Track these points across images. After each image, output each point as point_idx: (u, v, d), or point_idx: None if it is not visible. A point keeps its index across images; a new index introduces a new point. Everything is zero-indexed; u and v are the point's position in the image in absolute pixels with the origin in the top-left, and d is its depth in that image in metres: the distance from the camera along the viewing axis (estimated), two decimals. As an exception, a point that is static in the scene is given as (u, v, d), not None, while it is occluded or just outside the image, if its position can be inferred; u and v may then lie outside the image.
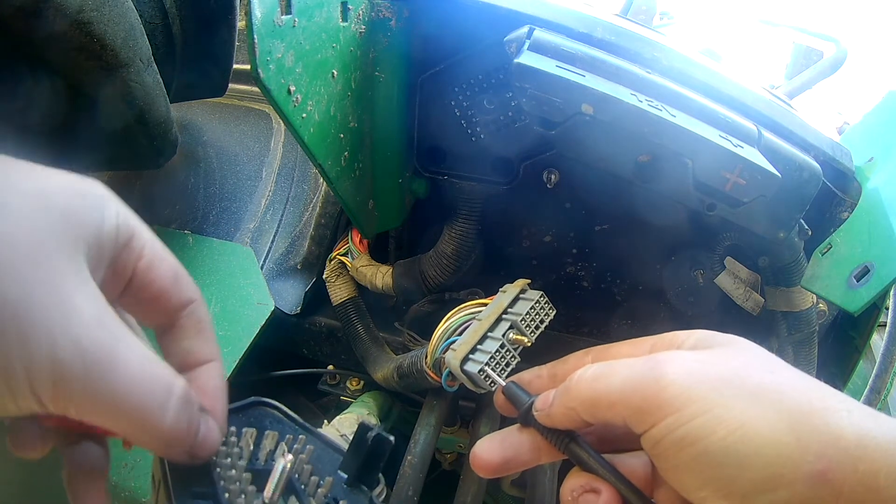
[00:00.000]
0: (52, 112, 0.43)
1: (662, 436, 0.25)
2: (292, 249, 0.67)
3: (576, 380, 0.29)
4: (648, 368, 0.27)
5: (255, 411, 0.32)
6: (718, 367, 0.26)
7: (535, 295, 0.42)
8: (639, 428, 0.27)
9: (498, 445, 0.33)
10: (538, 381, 0.36)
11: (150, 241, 0.26)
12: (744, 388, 0.25)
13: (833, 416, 0.24)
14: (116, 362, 0.22)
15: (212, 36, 0.56)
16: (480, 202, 0.55)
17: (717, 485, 0.24)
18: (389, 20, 0.48)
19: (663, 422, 0.25)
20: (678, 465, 0.25)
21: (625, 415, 0.27)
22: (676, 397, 0.25)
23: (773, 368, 0.27)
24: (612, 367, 0.28)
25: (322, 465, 0.30)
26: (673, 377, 0.26)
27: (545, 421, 0.31)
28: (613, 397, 0.27)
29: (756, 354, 0.28)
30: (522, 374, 0.37)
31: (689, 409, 0.25)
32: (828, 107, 1.55)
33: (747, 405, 0.24)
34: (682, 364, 0.26)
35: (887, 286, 0.41)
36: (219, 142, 0.79)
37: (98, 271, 0.24)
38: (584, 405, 0.29)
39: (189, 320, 0.28)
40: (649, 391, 0.26)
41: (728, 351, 0.28)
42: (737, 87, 0.46)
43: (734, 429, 0.24)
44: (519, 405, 0.34)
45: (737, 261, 0.55)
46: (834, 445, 0.23)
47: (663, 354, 0.28)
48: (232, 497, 0.25)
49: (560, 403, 0.30)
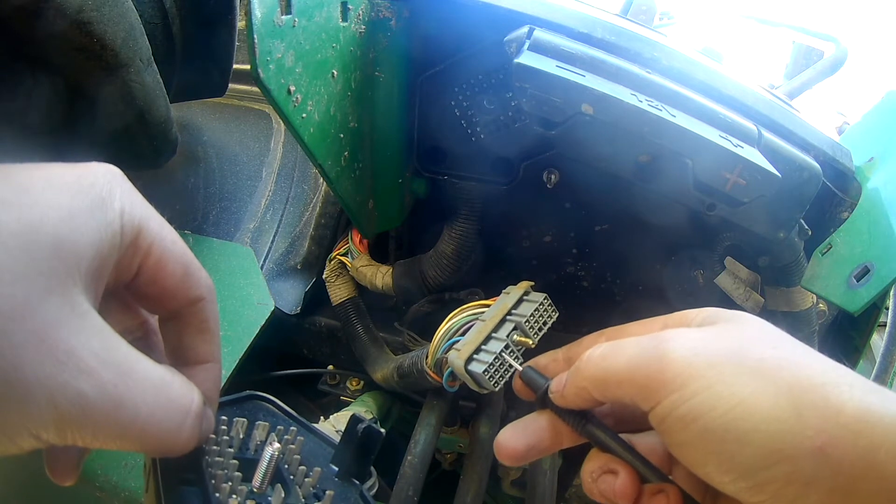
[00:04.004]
0: (52, 112, 0.43)
1: (667, 413, 0.26)
2: (292, 249, 0.67)
3: (585, 359, 0.30)
4: (652, 347, 0.27)
5: (249, 404, 0.33)
6: (720, 343, 0.27)
7: (538, 297, 0.42)
8: (645, 405, 0.27)
9: (521, 433, 0.33)
10: (554, 365, 0.36)
11: (159, 237, 0.25)
12: (744, 364, 0.25)
13: (833, 391, 0.24)
14: (125, 401, 0.21)
15: (212, 36, 0.56)
16: (480, 202, 0.55)
17: (720, 460, 0.24)
18: (389, 20, 0.48)
19: (667, 399, 0.26)
20: (683, 441, 0.26)
21: (632, 392, 0.27)
22: (679, 375, 0.26)
23: (776, 343, 0.27)
24: (620, 345, 0.29)
25: (314, 458, 0.30)
26: (675, 355, 0.26)
27: (560, 402, 0.32)
28: (621, 375, 0.28)
29: (760, 329, 0.28)
30: (538, 359, 0.38)
31: (691, 386, 0.25)
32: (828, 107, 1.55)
33: (747, 381, 0.25)
34: (684, 341, 0.27)
35: (887, 286, 0.41)
36: (219, 142, 0.79)
37: (101, 280, 0.23)
38: (594, 384, 0.29)
39: (194, 318, 0.27)
40: (653, 369, 0.26)
41: (732, 327, 0.28)
42: (737, 86, 0.46)
43: (734, 405, 0.24)
44: (536, 388, 0.34)
45: (737, 261, 0.55)
46: (833, 420, 0.23)
47: (668, 332, 0.28)
48: (218, 484, 0.26)
49: (572, 383, 0.30)
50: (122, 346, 0.22)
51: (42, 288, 0.20)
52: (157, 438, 0.23)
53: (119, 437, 0.22)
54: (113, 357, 0.21)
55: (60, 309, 0.20)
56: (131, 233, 0.23)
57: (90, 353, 0.21)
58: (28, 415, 0.19)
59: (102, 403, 0.21)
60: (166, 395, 0.23)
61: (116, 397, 0.21)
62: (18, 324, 0.19)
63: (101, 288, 0.23)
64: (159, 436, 0.23)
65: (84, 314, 0.21)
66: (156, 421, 0.22)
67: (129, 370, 0.22)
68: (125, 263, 0.24)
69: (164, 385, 0.23)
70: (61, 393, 0.20)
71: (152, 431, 0.22)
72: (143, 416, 0.22)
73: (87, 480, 0.47)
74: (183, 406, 0.24)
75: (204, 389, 0.26)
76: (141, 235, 0.24)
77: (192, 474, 0.26)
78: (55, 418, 0.20)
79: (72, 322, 0.20)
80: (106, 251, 0.22)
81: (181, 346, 0.28)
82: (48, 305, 0.20)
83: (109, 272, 0.23)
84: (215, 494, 0.26)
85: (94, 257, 0.22)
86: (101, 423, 0.21)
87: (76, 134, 0.45)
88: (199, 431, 0.25)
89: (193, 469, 0.27)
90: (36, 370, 0.19)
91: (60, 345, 0.20)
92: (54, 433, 0.20)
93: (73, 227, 0.21)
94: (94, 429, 0.21)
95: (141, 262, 0.25)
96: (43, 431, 0.20)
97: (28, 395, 0.19)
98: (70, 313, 0.20)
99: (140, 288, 0.26)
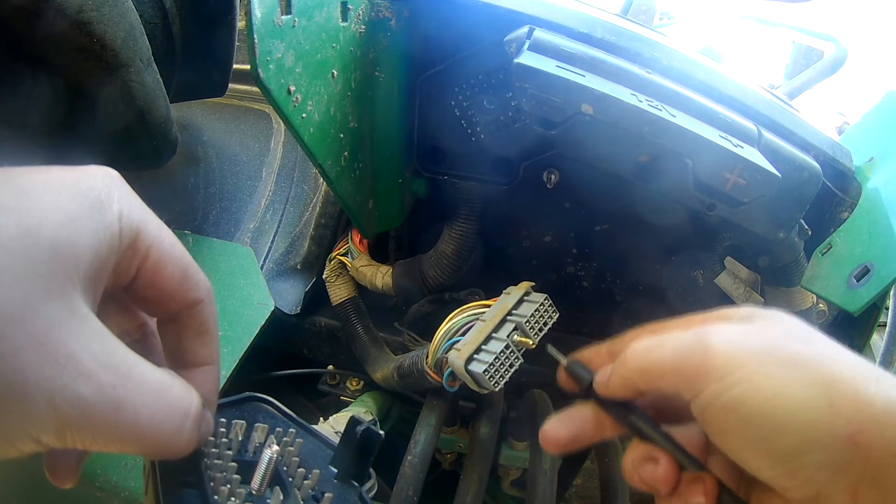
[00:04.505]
0: (52, 112, 0.43)
1: (709, 402, 0.27)
2: (292, 249, 0.67)
3: (631, 351, 0.31)
4: (696, 340, 0.29)
5: (248, 406, 0.33)
6: (760, 337, 0.28)
7: (539, 297, 0.42)
8: (688, 394, 0.28)
9: (566, 423, 0.35)
10: (598, 358, 0.38)
11: (157, 240, 0.25)
12: (781, 357, 0.27)
13: (863, 384, 0.25)
14: (124, 404, 0.21)
15: (212, 36, 0.56)
16: (480, 202, 0.55)
17: (759, 447, 0.26)
18: (389, 20, 0.48)
19: (709, 388, 0.27)
20: (724, 429, 0.27)
21: (675, 382, 0.29)
22: (721, 366, 0.27)
23: (810, 339, 0.28)
24: (665, 338, 0.30)
25: (313, 460, 0.30)
26: (718, 347, 0.28)
27: (605, 392, 0.33)
28: (665, 366, 0.29)
29: (794, 326, 0.30)
30: (582, 352, 0.39)
31: (733, 376, 0.27)
32: (828, 107, 1.55)
33: (784, 373, 0.26)
34: (726, 335, 0.28)
35: (887, 286, 0.41)
36: (219, 142, 0.79)
37: (100, 283, 0.23)
38: (639, 374, 0.31)
39: (192, 321, 0.27)
40: (697, 360, 0.28)
41: (770, 323, 0.30)
42: (737, 87, 0.46)
43: (771, 395, 0.26)
44: (581, 380, 0.36)
45: (737, 261, 0.55)
46: (863, 411, 0.24)
47: (710, 326, 0.30)
48: (216, 486, 0.26)
49: (617, 374, 0.32)
50: (121, 350, 0.22)
51: (41, 291, 0.20)
52: (156, 441, 0.23)
53: (119, 440, 0.22)
54: (112, 360, 0.21)
55: (60, 312, 0.20)
56: (130, 236, 0.23)
57: (90, 356, 0.21)
58: (28, 418, 0.19)
59: (102, 406, 0.21)
60: (166, 398, 0.23)
61: (116, 400, 0.21)
62: (18, 327, 0.19)
63: (100, 291, 0.23)
64: (159, 439, 0.23)
65: (83, 317, 0.21)
66: (155, 424, 0.22)
67: (128, 373, 0.22)
68: (124, 266, 0.24)
69: (163, 388, 0.23)
70: (61, 396, 0.20)
71: (152, 434, 0.22)
72: (143, 419, 0.22)
73: (86, 481, 0.47)
74: (182, 409, 0.24)
75: (203, 392, 0.26)
76: (139, 238, 0.24)
77: (191, 476, 0.26)
78: (55, 422, 0.20)
79: (71, 325, 0.20)
80: (104, 254, 0.22)
81: (180, 348, 0.28)
82: (47, 309, 0.20)
83: (108, 275, 0.23)
84: (214, 497, 0.26)
85: (93, 260, 0.22)
86: (100, 427, 0.21)
87: (76, 134, 0.45)
88: (199, 434, 0.24)
89: (192, 471, 0.27)
90: (35, 373, 0.19)
91: (60, 348, 0.20)
92: (54, 436, 0.20)
93: (71, 231, 0.21)
94: (94, 432, 0.21)
95: (139, 264, 0.25)
96: (43, 435, 0.20)
97: (28, 398, 0.19)
98: (69, 316, 0.20)
99: (138, 290, 0.26)
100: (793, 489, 0.26)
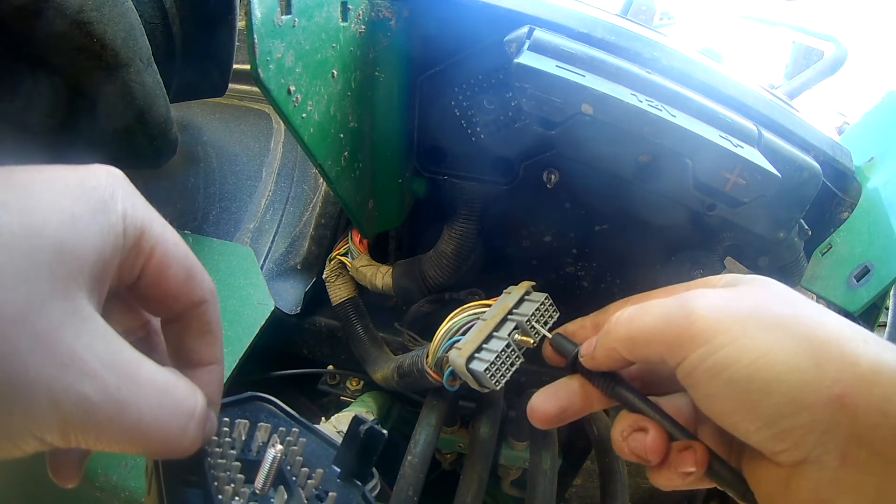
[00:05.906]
0: (52, 112, 0.43)
1: (694, 366, 0.27)
2: (292, 249, 0.67)
3: (614, 321, 0.31)
4: (679, 305, 0.29)
5: (251, 406, 0.33)
6: (743, 301, 0.28)
7: (540, 297, 0.42)
8: (673, 360, 0.28)
9: (553, 397, 0.35)
10: (582, 331, 0.38)
11: (162, 239, 0.25)
12: (765, 320, 0.27)
13: (849, 345, 0.25)
14: (128, 404, 0.21)
15: (212, 36, 0.56)
16: (480, 202, 0.55)
17: (745, 409, 0.26)
18: (389, 20, 0.48)
19: (694, 353, 0.27)
20: (710, 393, 0.27)
21: (660, 349, 0.29)
22: (705, 330, 0.27)
23: (794, 302, 0.28)
24: (648, 306, 0.31)
25: (316, 459, 0.30)
26: (701, 312, 0.28)
27: (590, 364, 0.33)
28: (649, 334, 0.29)
29: (779, 289, 0.30)
30: (566, 326, 0.39)
31: (717, 339, 0.27)
32: (828, 107, 1.55)
33: (769, 335, 0.26)
34: (710, 300, 0.29)
35: (887, 286, 0.41)
36: (219, 142, 0.79)
37: (104, 283, 0.23)
38: (623, 343, 0.31)
39: (196, 321, 0.27)
40: (681, 325, 0.28)
41: (752, 287, 0.30)
42: (737, 87, 0.46)
43: (757, 357, 0.26)
44: (566, 353, 0.36)
45: (737, 261, 0.55)
46: (850, 371, 0.24)
47: (693, 292, 0.30)
48: (220, 486, 0.26)
49: (602, 345, 0.32)
50: (125, 349, 0.22)
51: (45, 291, 0.20)
52: (160, 441, 0.23)
53: (123, 439, 0.22)
54: (116, 360, 0.21)
55: (63, 312, 0.20)
56: (134, 235, 0.23)
57: (94, 356, 0.21)
58: (32, 418, 0.19)
59: (106, 406, 0.21)
60: (170, 397, 0.23)
61: (120, 400, 0.21)
62: (22, 327, 0.19)
63: (104, 291, 0.23)
64: (163, 438, 0.23)
65: (87, 317, 0.21)
66: (159, 424, 0.22)
67: (132, 373, 0.22)
68: (128, 266, 0.24)
69: (167, 388, 0.23)
70: (65, 396, 0.20)
71: (156, 434, 0.22)
72: (147, 419, 0.22)
73: (87, 480, 0.47)
74: (186, 408, 0.24)
75: (207, 391, 0.26)
76: (143, 238, 0.24)
77: (194, 476, 0.26)
78: (59, 421, 0.20)
79: (75, 325, 0.20)
80: (108, 254, 0.22)
81: (184, 348, 0.28)
82: (51, 309, 0.20)
83: (112, 275, 0.23)
84: (218, 496, 0.26)
85: (97, 260, 0.22)
86: (104, 426, 0.21)
87: (76, 134, 0.46)
88: (203, 434, 0.24)
89: (196, 471, 0.27)
90: (39, 373, 0.19)
91: (64, 348, 0.20)
92: (58, 436, 0.20)
93: (75, 231, 0.21)
94: (98, 432, 0.21)
95: (143, 264, 0.25)
96: (47, 434, 0.20)
97: (32, 398, 0.19)
98: (73, 316, 0.20)
99: (142, 290, 0.26)
100: (782, 453, 0.26)
